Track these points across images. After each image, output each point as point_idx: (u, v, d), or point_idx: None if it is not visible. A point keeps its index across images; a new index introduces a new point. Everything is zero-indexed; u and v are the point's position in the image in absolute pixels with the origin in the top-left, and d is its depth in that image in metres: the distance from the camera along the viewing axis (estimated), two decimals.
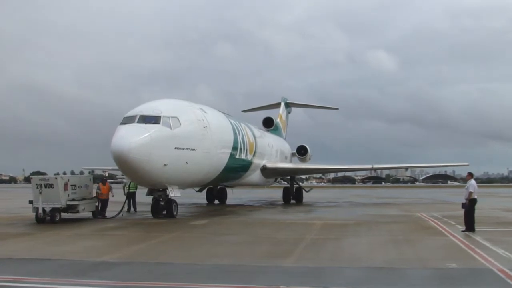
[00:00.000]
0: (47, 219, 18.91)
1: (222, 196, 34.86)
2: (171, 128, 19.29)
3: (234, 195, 37.52)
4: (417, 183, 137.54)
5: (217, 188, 33.50)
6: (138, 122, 18.92)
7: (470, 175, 16.54)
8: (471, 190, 15.80)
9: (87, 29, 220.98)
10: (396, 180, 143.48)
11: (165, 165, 18.81)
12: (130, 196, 24.83)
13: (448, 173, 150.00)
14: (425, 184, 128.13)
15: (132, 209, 24.86)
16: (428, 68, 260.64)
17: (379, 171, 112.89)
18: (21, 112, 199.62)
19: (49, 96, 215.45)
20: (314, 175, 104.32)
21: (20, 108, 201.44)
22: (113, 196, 22.66)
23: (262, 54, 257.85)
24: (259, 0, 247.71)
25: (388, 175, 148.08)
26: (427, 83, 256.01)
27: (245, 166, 28.60)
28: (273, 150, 34.54)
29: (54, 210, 19.07)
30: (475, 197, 15.96)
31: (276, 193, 42.63)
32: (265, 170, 31.80)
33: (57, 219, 19.12)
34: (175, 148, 19.38)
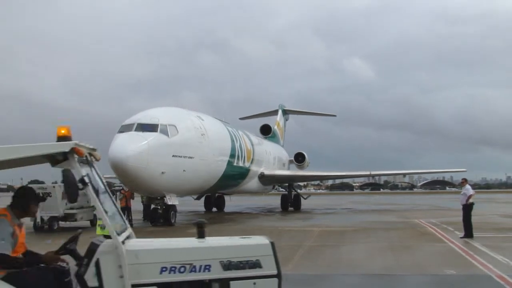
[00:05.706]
0: (45, 228, 18.85)
1: (220, 204, 34.81)
2: (168, 136, 19.31)
3: (232, 203, 37.44)
4: (415, 189, 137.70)
5: (215, 195, 33.47)
6: (135, 130, 18.95)
7: (466, 180, 17.07)
8: (471, 193, 15.96)
9: (77, 38, 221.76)
10: (394, 187, 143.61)
11: (162, 173, 18.81)
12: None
13: (446, 179, 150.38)
14: (423, 190, 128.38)
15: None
16: (416, 75, 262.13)
17: (377, 177, 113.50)
18: (17, 121, 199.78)
19: (45, 104, 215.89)
20: (312, 182, 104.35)
21: (16, 117, 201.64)
22: (133, 199, 22.82)
23: (247, 62, 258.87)
24: (240, 10, 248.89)
25: (386, 182, 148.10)
26: (416, 90, 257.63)
27: (243, 174, 28.60)
28: (270, 157, 34.54)
29: (52, 219, 19.03)
30: (472, 201, 16.07)
31: (274, 200, 42.59)
32: (263, 178, 31.79)
33: (55, 228, 19.08)
34: (173, 156, 19.40)
